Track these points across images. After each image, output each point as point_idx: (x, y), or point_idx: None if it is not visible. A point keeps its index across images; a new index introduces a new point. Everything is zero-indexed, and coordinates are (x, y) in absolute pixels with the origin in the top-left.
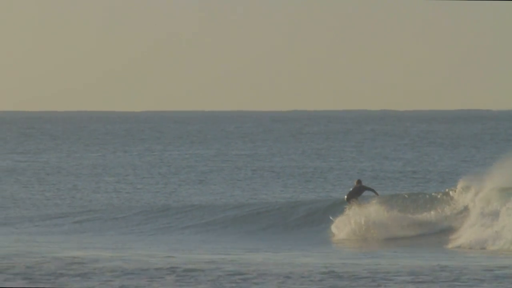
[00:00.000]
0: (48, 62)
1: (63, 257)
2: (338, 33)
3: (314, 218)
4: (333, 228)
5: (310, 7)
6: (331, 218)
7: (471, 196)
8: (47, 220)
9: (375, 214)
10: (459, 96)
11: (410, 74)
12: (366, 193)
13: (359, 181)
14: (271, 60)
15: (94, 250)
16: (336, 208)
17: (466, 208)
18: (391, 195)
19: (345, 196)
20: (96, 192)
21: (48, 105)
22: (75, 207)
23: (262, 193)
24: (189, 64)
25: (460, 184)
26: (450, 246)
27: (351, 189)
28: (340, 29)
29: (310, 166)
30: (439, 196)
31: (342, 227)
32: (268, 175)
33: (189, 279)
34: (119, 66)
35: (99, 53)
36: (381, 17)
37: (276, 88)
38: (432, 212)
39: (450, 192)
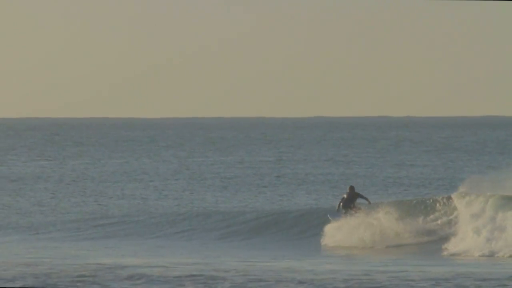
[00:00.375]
0: (72, 69)
1: (86, 264)
2: (361, 40)
3: None
4: (329, 236)
5: (332, 14)
6: (329, 216)
7: (469, 202)
8: (72, 226)
9: (385, 222)
10: (482, 102)
11: (434, 80)
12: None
13: (352, 188)
14: (294, 66)
15: (118, 257)
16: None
17: (465, 214)
18: (394, 201)
19: (340, 204)
20: (121, 198)
21: (72, 111)
22: (100, 213)
23: (286, 199)
24: (212, 71)
25: (461, 190)
26: (448, 253)
27: (344, 196)
28: (363, 35)
29: (335, 173)
30: (442, 202)
31: (350, 235)
32: (293, 181)
33: (210, 286)
34: (142, 73)
35: (123, 60)
36: (404, 24)
37: (299, 94)
38: (435, 219)
39: (451, 198)
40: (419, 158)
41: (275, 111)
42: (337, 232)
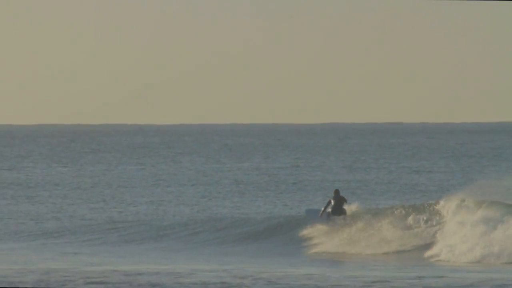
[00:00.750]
0: (88, 76)
1: (102, 271)
2: (375, 46)
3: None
4: (320, 243)
5: (346, 21)
6: (305, 213)
7: (458, 208)
8: (90, 232)
9: (382, 228)
10: (497, 109)
11: (448, 86)
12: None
13: (338, 192)
14: (310, 73)
15: (134, 263)
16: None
17: (453, 220)
18: (389, 206)
19: (327, 209)
20: (139, 204)
21: (88, 118)
22: (118, 219)
23: (305, 205)
24: (228, 78)
25: (452, 197)
26: (435, 258)
27: (331, 201)
28: (377, 42)
29: (353, 180)
30: (433, 207)
31: (354, 241)
32: (310, 188)
33: None
34: (158, 80)
35: (139, 67)
36: (418, 30)
37: (312, 100)
38: (427, 224)
39: (439, 204)
40: (436, 165)
41: (288, 118)
42: (329, 239)
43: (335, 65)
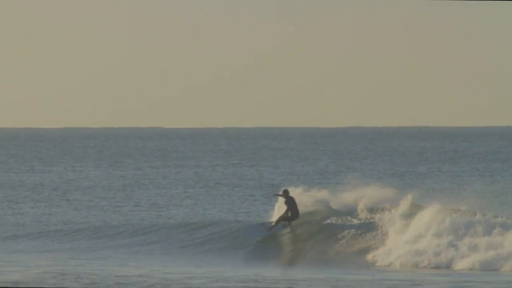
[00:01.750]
0: (119, 80)
1: (137, 274)
2: (407, 51)
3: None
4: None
5: (374, 28)
6: (260, 224)
7: (411, 212)
8: (124, 234)
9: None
10: None
11: (480, 90)
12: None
13: (288, 191)
14: (338, 77)
15: (172, 268)
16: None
17: (399, 225)
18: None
19: (290, 213)
20: (174, 206)
21: (117, 122)
22: (153, 221)
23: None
24: (261, 81)
25: (406, 201)
26: (380, 264)
27: (286, 206)
28: (408, 46)
29: (393, 185)
30: (390, 212)
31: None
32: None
33: None
34: (187, 84)
35: (168, 72)
36: (447, 34)
37: (344, 104)
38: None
39: (395, 208)
40: (473, 169)
41: (316, 121)
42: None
43: (365, 69)
